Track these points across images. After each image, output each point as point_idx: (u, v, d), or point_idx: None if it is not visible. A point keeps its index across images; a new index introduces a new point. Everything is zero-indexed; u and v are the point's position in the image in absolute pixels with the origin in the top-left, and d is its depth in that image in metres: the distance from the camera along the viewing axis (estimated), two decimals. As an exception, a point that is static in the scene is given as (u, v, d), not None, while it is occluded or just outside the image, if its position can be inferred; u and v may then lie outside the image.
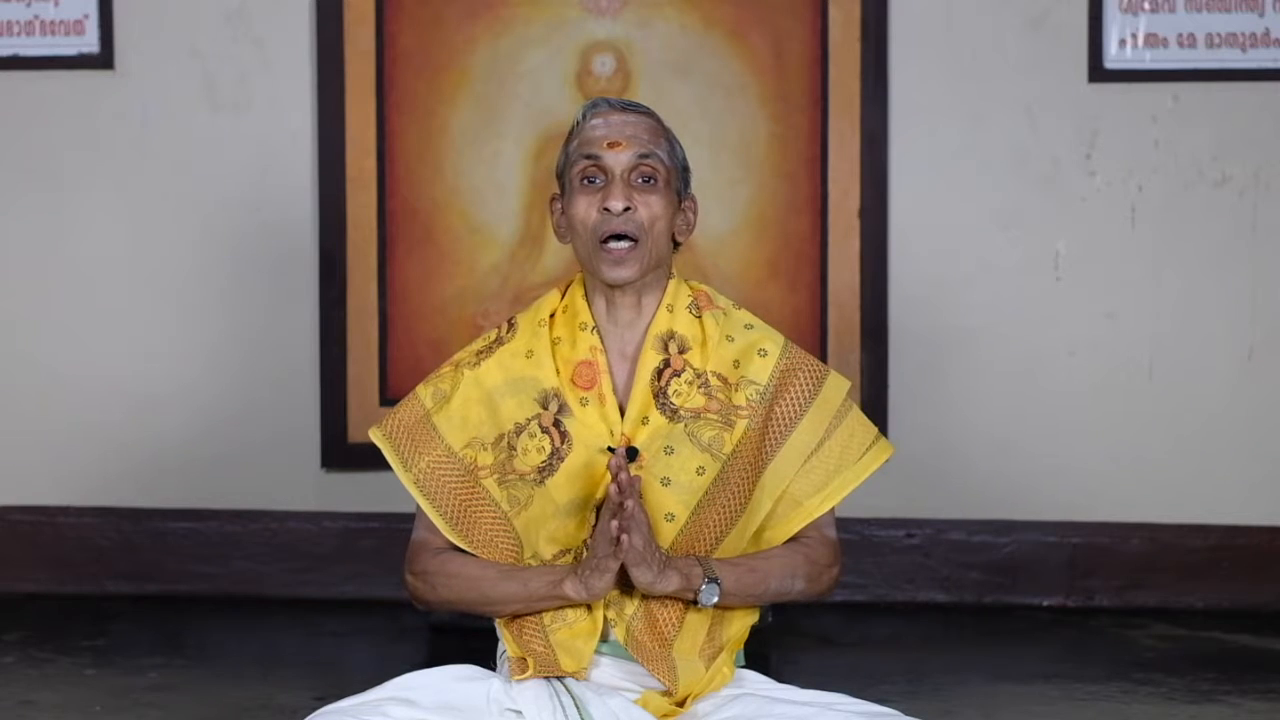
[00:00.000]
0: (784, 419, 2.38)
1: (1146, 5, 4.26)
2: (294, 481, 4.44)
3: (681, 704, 2.32)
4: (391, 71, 4.38)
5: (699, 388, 2.37)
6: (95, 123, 4.42)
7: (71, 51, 4.40)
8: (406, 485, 2.40)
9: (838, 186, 4.33)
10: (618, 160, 2.36)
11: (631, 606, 2.32)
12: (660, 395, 2.36)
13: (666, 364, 2.38)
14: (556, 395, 2.37)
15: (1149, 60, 4.27)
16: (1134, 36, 4.27)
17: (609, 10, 4.36)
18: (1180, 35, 4.26)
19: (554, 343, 2.41)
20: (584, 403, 2.37)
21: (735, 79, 4.34)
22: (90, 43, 4.39)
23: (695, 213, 2.46)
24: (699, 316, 2.41)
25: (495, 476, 2.37)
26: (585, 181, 2.37)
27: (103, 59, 4.39)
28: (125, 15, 4.39)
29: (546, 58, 4.37)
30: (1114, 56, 4.28)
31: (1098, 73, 4.28)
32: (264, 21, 4.39)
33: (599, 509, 2.32)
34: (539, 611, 2.33)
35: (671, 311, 2.41)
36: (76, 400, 4.45)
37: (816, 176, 4.34)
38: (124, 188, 4.42)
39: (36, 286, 4.46)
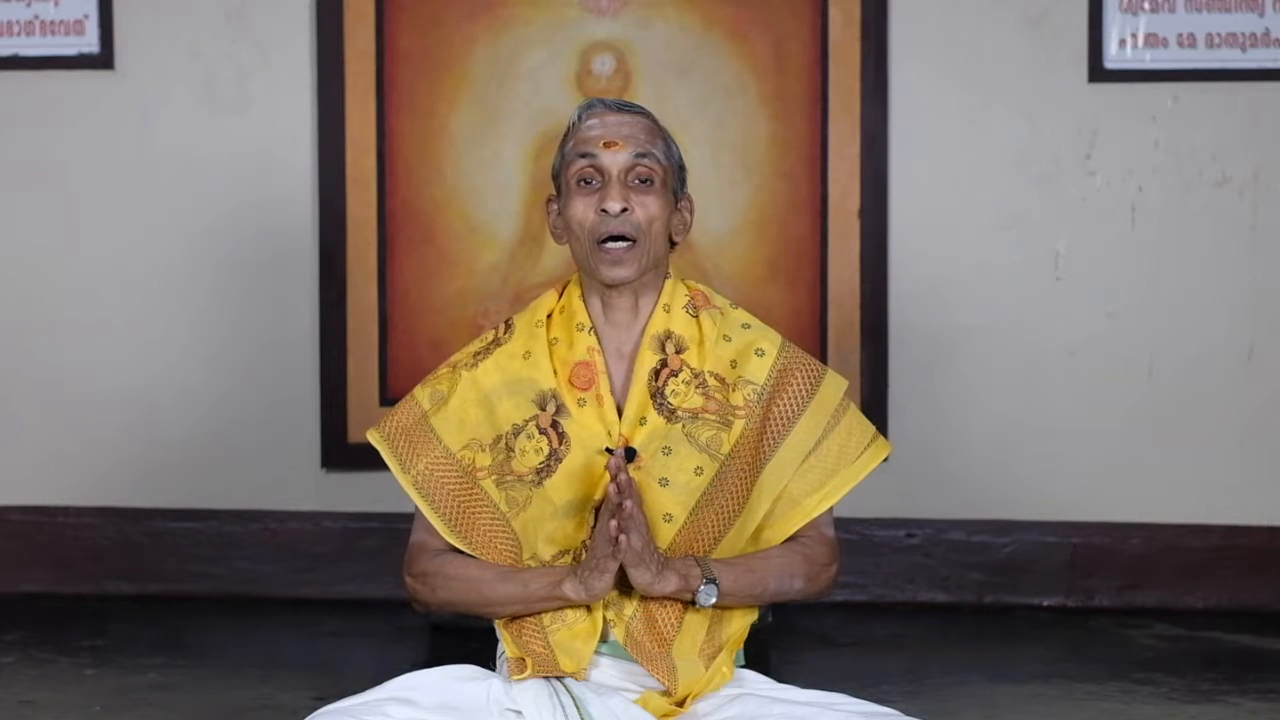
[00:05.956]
0: (781, 418, 2.37)
1: (1146, 5, 4.25)
2: (294, 481, 4.44)
3: (681, 704, 2.32)
4: (391, 71, 4.38)
5: (696, 388, 2.37)
6: (95, 123, 4.42)
7: (71, 51, 4.40)
8: (405, 487, 2.40)
9: (838, 186, 4.33)
10: (614, 161, 2.35)
11: (630, 607, 2.32)
12: (658, 396, 2.36)
13: (664, 364, 2.37)
14: (554, 396, 2.37)
15: (1149, 60, 4.27)
16: (1134, 36, 4.27)
17: (609, 10, 4.36)
18: (1180, 35, 4.26)
19: (551, 343, 2.40)
20: (581, 404, 2.36)
21: (735, 79, 4.34)
22: (90, 43, 4.39)
23: (692, 212, 2.46)
24: (696, 316, 2.41)
25: (493, 478, 2.37)
26: (582, 182, 2.37)
27: (103, 59, 4.39)
28: (125, 15, 4.39)
29: (546, 58, 4.37)
30: (1114, 56, 4.27)
31: (1098, 73, 4.28)
32: (264, 21, 4.39)
33: (597, 510, 2.32)
34: (538, 613, 2.33)
35: (668, 311, 2.40)
36: (76, 400, 4.45)
37: (816, 176, 4.34)
38: (124, 188, 4.42)
39: (35, 286, 4.46)
